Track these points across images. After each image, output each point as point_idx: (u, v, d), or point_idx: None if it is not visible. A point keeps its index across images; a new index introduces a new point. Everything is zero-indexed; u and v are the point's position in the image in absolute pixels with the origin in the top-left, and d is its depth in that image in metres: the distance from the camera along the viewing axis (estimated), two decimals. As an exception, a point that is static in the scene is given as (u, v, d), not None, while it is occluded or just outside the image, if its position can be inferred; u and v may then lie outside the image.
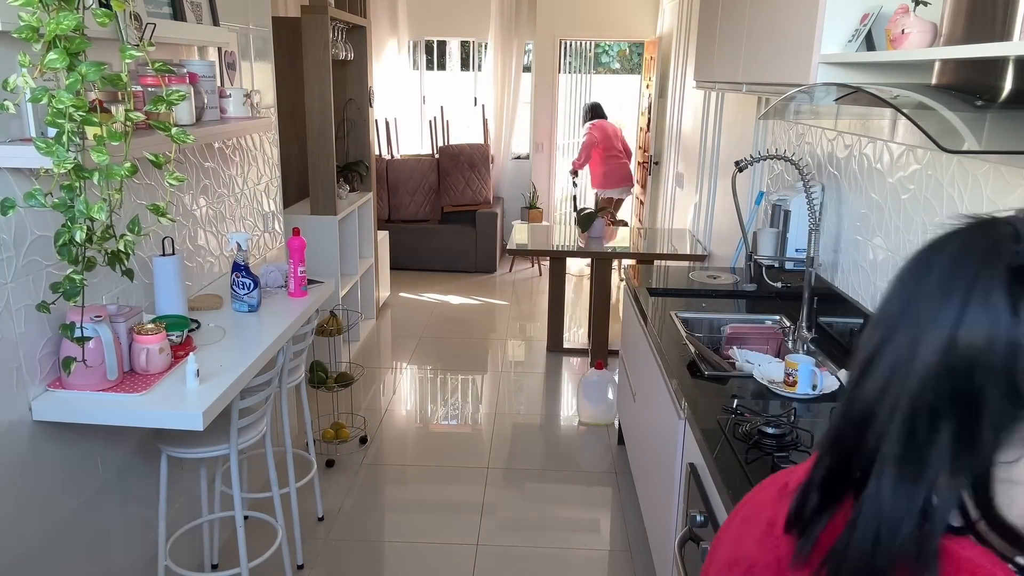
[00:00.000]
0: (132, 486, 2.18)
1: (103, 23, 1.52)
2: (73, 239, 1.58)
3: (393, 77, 6.91)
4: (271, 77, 3.20)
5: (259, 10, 3.06)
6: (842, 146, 2.39)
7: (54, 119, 1.48)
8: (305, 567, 2.71)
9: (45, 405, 1.76)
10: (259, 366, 2.10)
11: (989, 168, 1.62)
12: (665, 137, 5.78)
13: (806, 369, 1.97)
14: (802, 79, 1.86)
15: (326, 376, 3.55)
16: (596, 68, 7.66)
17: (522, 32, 6.90)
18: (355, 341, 4.80)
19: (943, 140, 1.17)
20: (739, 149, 3.68)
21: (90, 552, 1.99)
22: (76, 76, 1.47)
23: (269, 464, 2.41)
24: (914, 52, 1.46)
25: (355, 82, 4.89)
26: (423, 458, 3.51)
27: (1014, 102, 1.27)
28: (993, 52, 1.19)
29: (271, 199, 3.24)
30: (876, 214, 2.13)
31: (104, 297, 2.03)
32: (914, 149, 1.94)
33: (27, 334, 1.73)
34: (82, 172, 1.54)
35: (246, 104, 2.53)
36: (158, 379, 1.88)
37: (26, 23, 1.42)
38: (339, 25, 4.43)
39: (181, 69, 2.15)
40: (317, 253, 4.13)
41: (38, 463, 1.78)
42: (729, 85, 2.73)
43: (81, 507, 1.95)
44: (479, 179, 6.77)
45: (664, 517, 2.25)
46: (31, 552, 1.76)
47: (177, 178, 1.75)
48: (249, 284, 2.40)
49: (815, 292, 2.38)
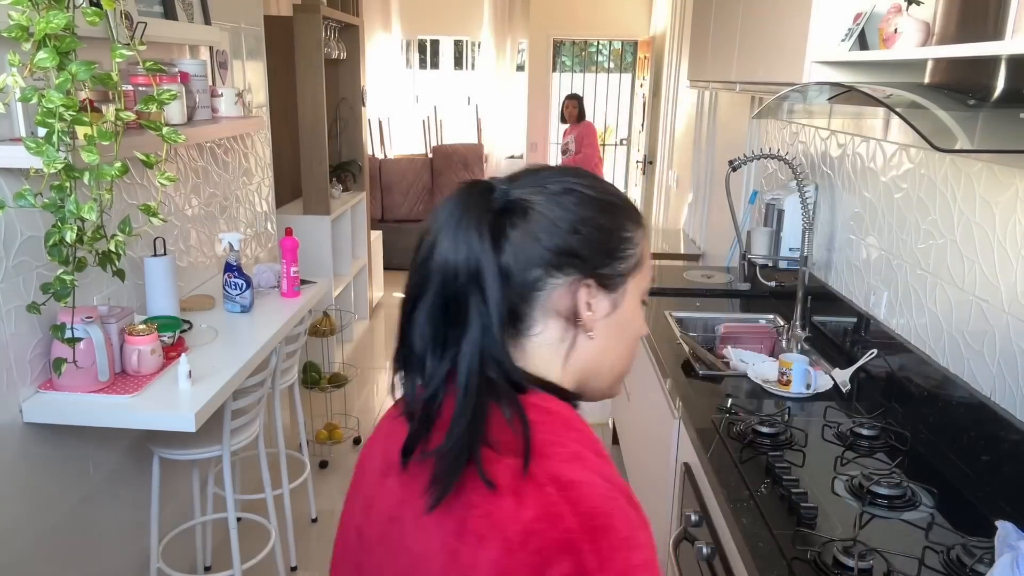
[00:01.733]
0: (124, 488, 2.17)
1: (93, 22, 1.51)
2: (64, 239, 1.57)
3: (386, 76, 6.89)
4: (263, 76, 3.18)
5: (251, 9, 3.04)
6: (835, 145, 2.40)
7: (44, 119, 1.47)
8: (298, 569, 2.70)
9: (36, 407, 1.75)
10: (252, 367, 2.09)
11: (982, 167, 1.62)
12: (659, 136, 5.78)
13: (800, 368, 1.97)
14: (795, 78, 1.86)
15: (319, 377, 3.54)
16: (589, 67, 7.65)
17: (516, 31, 6.90)
18: (348, 342, 4.79)
19: (936, 139, 1.17)
20: (733, 148, 3.69)
21: (82, 555, 1.98)
22: (66, 75, 1.46)
23: (262, 465, 2.40)
24: (907, 51, 1.46)
25: (348, 81, 4.88)
26: (417, 458, 3.50)
27: (1006, 101, 1.28)
28: (985, 51, 1.19)
29: (263, 199, 3.23)
30: (869, 213, 2.14)
31: (95, 298, 2.02)
32: (907, 148, 1.94)
33: (17, 335, 1.72)
34: (72, 172, 1.53)
35: (238, 103, 2.52)
36: (150, 380, 1.87)
37: (16, 22, 1.41)
38: (331, 24, 4.42)
39: (172, 68, 2.14)
40: (310, 253, 4.11)
41: (29, 465, 1.77)
42: (723, 84, 2.73)
43: (73, 509, 1.93)
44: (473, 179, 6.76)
45: (659, 517, 2.25)
46: (22, 556, 1.75)
47: (168, 178, 1.74)
48: (241, 284, 2.39)
49: (809, 291, 2.39)
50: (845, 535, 1.35)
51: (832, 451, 1.68)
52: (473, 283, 0.71)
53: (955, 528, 1.39)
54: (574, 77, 7.59)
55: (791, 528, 1.38)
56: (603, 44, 7.45)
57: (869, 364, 2.04)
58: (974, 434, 1.58)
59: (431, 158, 6.79)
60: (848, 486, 1.53)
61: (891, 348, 1.96)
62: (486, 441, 0.69)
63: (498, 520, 0.66)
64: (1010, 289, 1.51)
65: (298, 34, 4.03)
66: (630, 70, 7.31)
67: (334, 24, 4.46)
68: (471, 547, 0.66)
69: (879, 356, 2.00)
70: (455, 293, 0.72)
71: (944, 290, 1.75)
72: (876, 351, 2.01)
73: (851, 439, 1.72)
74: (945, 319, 1.74)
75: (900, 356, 1.91)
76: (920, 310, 1.86)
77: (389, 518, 0.76)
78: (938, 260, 1.78)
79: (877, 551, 1.29)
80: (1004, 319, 1.53)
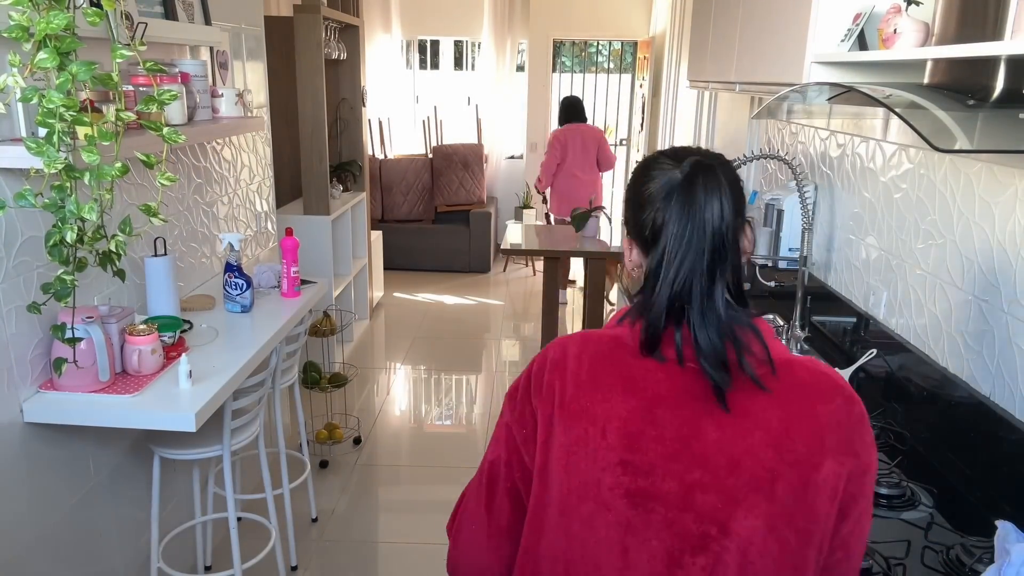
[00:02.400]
0: (124, 488, 2.17)
1: (94, 22, 1.51)
2: (64, 239, 1.57)
3: (386, 77, 6.90)
4: (263, 77, 3.18)
5: (251, 9, 3.05)
6: (835, 145, 2.40)
7: (44, 119, 1.47)
8: (299, 568, 2.70)
9: (36, 407, 1.75)
10: (252, 367, 2.10)
11: (981, 167, 1.62)
12: (659, 137, 5.78)
13: (799, 368, 1.97)
14: (795, 78, 1.86)
15: (319, 377, 3.54)
16: (589, 67, 7.66)
17: (515, 31, 6.90)
18: (349, 341, 4.79)
19: (935, 139, 1.18)
20: (732, 148, 3.69)
21: (82, 554, 1.98)
22: (67, 76, 1.46)
23: (262, 465, 2.40)
24: (906, 52, 1.46)
25: (348, 82, 4.88)
26: (417, 459, 3.50)
27: (1006, 101, 1.28)
28: (985, 52, 1.19)
29: (264, 199, 3.23)
30: (869, 213, 2.14)
31: (96, 298, 2.02)
32: (906, 148, 1.95)
33: (18, 335, 1.72)
34: (73, 172, 1.53)
35: (238, 104, 2.52)
36: (150, 380, 1.87)
37: (16, 22, 1.41)
38: (332, 24, 4.42)
39: (173, 68, 2.14)
40: (310, 253, 4.11)
41: (29, 465, 1.77)
42: (722, 84, 2.73)
43: (73, 509, 1.93)
44: (473, 179, 6.77)
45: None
46: (23, 555, 1.75)
47: (169, 178, 1.74)
48: (242, 284, 2.39)
49: (808, 291, 2.39)
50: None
51: (832, 451, 1.68)
52: (731, 238, 0.93)
53: (954, 528, 1.40)
54: (574, 77, 7.59)
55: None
56: (603, 44, 7.45)
57: (869, 364, 2.04)
58: (973, 434, 1.59)
59: (431, 158, 6.80)
60: (847, 486, 1.53)
61: (890, 348, 1.96)
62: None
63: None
64: (1009, 289, 1.52)
65: (298, 34, 4.03)
66: (630, 70, 7.32)
67: (334, 24, 4.46)
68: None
69: (878, 356, 2.01)
70: (719, 247, 0.92)
71: (943, 290, 1.75)
72: (875, 351, 2.01)
73: (851, 439, 1.72)
74: (944, 319, 1.75)
75: (899, 356, 1.91)
76: (919, 310, 1.86)
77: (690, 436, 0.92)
78: (937, 260, 1.78)
79: (877, 551, 1.29)
80: (1003, 319, 1.53)
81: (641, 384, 0.93)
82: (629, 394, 0.93)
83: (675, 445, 0.91)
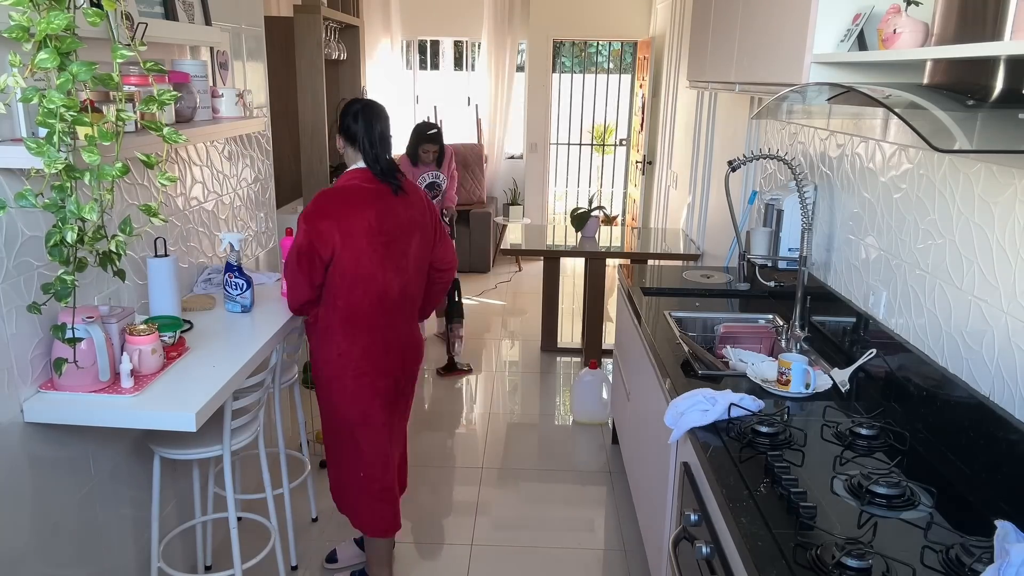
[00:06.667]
0: (125, 487, 2.17)
1: (94, 23, 1.51)
2: (64, 240, 1.57)
3: (386, 77, 6.90)
4: (263, 77, 3.19)
5: (251, 10, 3.05)
6: (834, 145, 2.40)
7: (45, 119, 1.47)
8: (299, 568, 2.71)
9: (37, 406, 1.75)
10: (252, 367, 2.10)
11: (980, 167, 1.63)
12: (658, 137, 5.78)
13: (799, 368, 1.97)
14: (795, 79, 1.87)
15: (320, 376, 3.53)
16: (589, 68, 7.66)
17: (515, 32, 6.90)
18: (349, 341, 4.78)
19: (935, 139, 1.18)
20: (732, 148, 3.69)
21: (83, 554, 1.98)
22: (67, 76, 1.46)
23: (262, 465, 2.40)
24: (906, 52, 1.46)
25: (348, 82, 4.88)
26: (417, 458, 3.50)
27: (1005, 101, 1.28)
28: (984, 52, 1.19)
29: (264, 199, 3.23)
30: (868, 213, 2.14)
31: (96, 298, 2.02)
32: (906, 148, 1.95)
33: (18, 335, 1.73)
34: (73, 172, 1.53)
35: (238, 104, 2.53)
36: (150, 380, 1.87)
37: (16, 23, 1.41)
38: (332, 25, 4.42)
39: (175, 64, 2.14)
40: (310, 253, 4.11)
41: (30, 465, 1.77)
42: (722, 85, 2.73)
43: (73, 509, 1.94)
44: (473, 179, 6.77)
45: (658, 516, 2.25)
46: (23, 554, 1.75)
47: (169, 178, 1.75)
48: (242, 284, 2.39)
49: (808, 291, 2.39)
50: (844, 535, 1.36)
51: (831, 451, 1.68)
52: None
53: (954, 527, 1.40)
54: (574, 78, 7.60)
55: (790, 528, 1.39)
56: (603, 45, 7.45)
57: (868, 364, 2.04)
58: (973, 434, 1.59)
59: (431, 158, 6.79)
60: (847, 486, 1.53)
61: (890, 348, 1.96)
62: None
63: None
64: (1009, 289, 1.52)
65: (298, 35, 4.04)
66: (630, 71, 7.32)
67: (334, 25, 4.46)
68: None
69: (878, 356, 2.01)
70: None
71: (943, 290, 1.76)
72: (875, 351, 2.02)
73: (850, 439, 1.73)
74: (944, 319, 1.75)
75: (899, 356, 1.92)
76: (919, 310, 1.86)
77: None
78: (937, 260, 1.78)
79: (876, 551, 1.29)
80: (1003, 319, 1.53)
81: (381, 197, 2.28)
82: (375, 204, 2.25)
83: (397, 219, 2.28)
